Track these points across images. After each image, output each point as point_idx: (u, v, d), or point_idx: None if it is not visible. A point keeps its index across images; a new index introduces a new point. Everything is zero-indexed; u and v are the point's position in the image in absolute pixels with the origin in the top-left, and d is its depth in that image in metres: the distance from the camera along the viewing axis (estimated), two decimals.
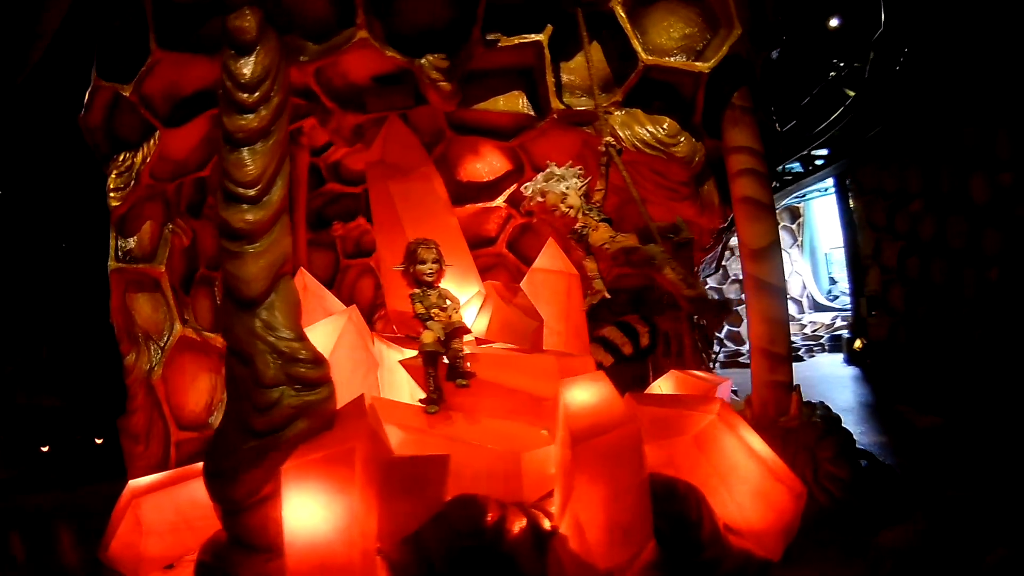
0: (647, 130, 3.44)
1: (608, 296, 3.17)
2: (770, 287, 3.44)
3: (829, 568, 2.41)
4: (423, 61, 2.91)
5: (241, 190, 2.45)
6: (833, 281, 10.81)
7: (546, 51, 3.26)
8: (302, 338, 2.48)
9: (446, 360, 2.96)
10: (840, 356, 7.23)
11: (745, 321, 9.48)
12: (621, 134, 3.42)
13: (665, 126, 3.42)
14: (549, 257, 3.92)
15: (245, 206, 2.44)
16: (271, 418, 2.27)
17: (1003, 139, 3.78)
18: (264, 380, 2.30)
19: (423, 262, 3.13)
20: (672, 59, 3.24)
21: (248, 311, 2.44)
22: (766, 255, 3.45)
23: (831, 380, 3.55)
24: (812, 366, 5.87)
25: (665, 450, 2.73)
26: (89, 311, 4.58)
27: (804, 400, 3.39)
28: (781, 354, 3.42)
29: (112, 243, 3.65)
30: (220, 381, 4.20)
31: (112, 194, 3.53)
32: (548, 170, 3.23)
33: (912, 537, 2.45)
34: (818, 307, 10.09)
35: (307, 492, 2.13)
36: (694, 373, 3.81)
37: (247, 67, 2.44)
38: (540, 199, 3.16)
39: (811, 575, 2.36)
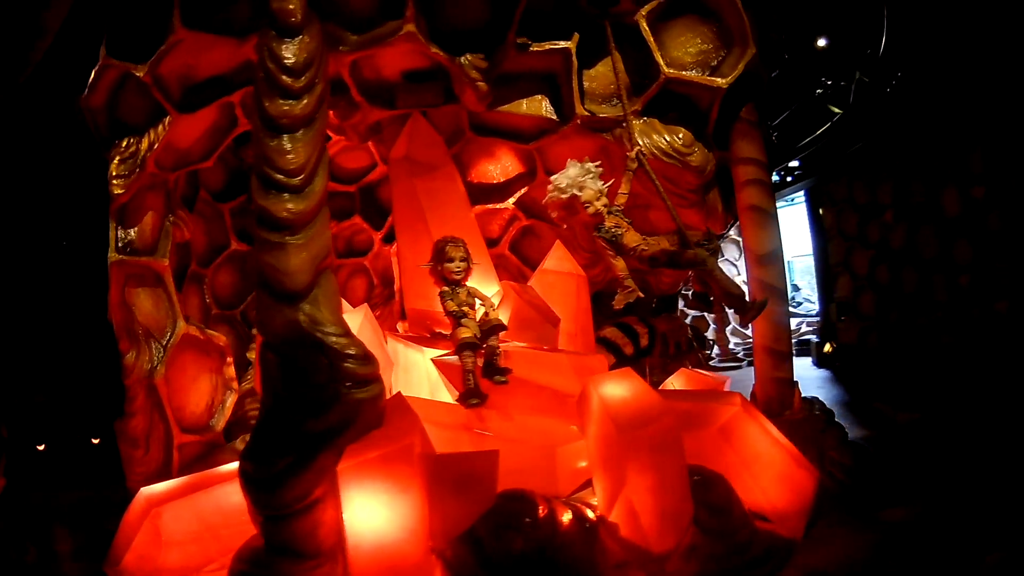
0: (664, 139, 3.57)
1: (642, 296, 3.26)
2: (774, 289, 3.64)
3: (842, 544, 2.58)
4: (463, 60, 2.90)
5: (283, 178, 2.32)
6: (796, 288, 11.44)
7: (574, 58, 3.36)
8: (349, 333, 2.37)
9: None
10: (809, 359, 7.48)
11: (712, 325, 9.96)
12: (640, 141, 3.56)
13: (681, 136, 3.56)
14: (557, 259, 3.99)
15: (287, 195, 2.32)
16: (322, 417, 2.16)
17: (976, 156, 4.19)
18: (313, 378, 2.19)
19: (452, 260, 3.09)
20: (690, 73, 3.41)
21: (290, 305, 2.31)
22: (771, 260, 3.66)
23: (804, 381, 3.77)
24: None
25: (693, 441, 2.81)
26: (79, 307, 4.26)
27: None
28: (784, 352, 3.63)
29: (112, 234, 3.34)
30: (221, 381, 3.98)
31: (115, 181, 3.24)
32: (584, 166, 3.19)
33: (913, 513, 2.69)
34: None
35: (368, 492, 2.06)
36: (701, 372, 3.99)
37: (292, 51, 2.34)
38: (577, 192, 3.17)
39: (828, 551, 2.52)
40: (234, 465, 2.93)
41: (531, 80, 3.53)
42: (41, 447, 4.13)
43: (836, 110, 4.52)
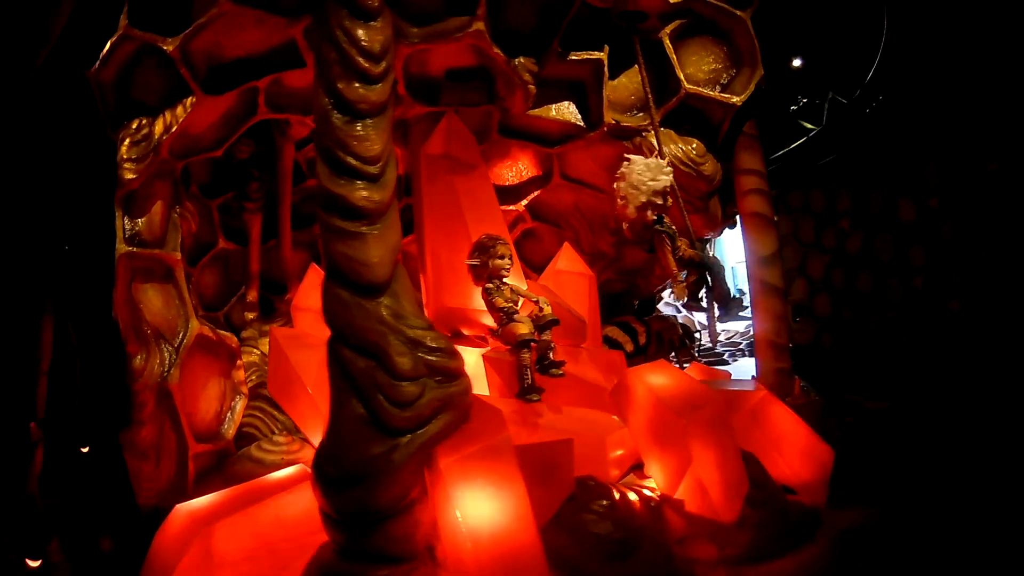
0: (680, 148, 3.78)
1: (688, 292, 3.42)
2: (774, 288, 3.96)
3: (859, 509, 2.86)
4: (517, 62, 2.94)
5: (361, 166, 2.17)
6: (741, 292, 12.28)
7: (605, 68, 3.50)
8: (432, 326, 2.26)
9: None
10: (727, 368, 8.16)
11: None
12: (660, 150, 3.75)
13: (694, 146, 3.78)
14: (568, 259, 4.07)
15: (363, 183, 2.17)
16: (417, 413, 2.02)
17: (931, 170, 4.81)
18: (403, 373, 2.05)
19: (501, 257, 3.09)
20: (707, 89, 3.66)
21: (371, 298, 2.14)
22: (771, 262, 3.96)
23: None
24: (739, 368, 6.66)
25: None
26: (67, 308, 3.76)
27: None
28: (784, 344, 3.95)
29: (119, 223, 2.94)
30: (230, 385, 3.66)
31: (127, 165, 2.86)
32: (659, 161, 3.22)
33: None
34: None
35: (476, 486, 1.98)
36: (708, 366, 4.25)
37: (370, 35, 2.19)
38: (655, 183, 3.14)
39: (849, 515, 2.78)
40: (283, 473, 2.73)
41: (560, 87, 3.56)
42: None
43: (809, 126, 5.01)
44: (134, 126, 2.97)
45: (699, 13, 3.45)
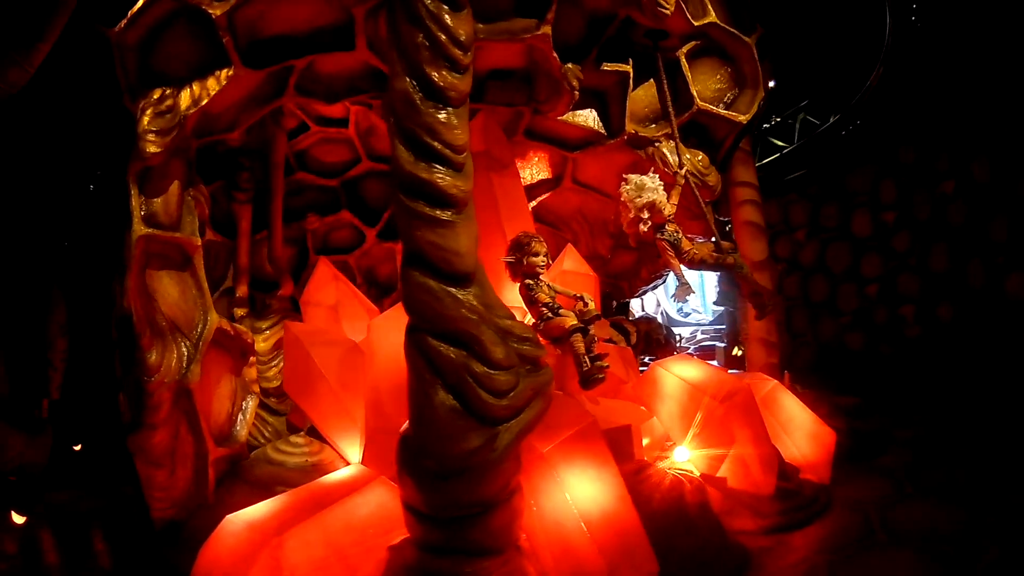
0: (688, 160, 4.04)
1: (694, 292, 3.63)
2: (766, 290, 4.34)
3: (861, 483, 3.19)
4: (567, 68, 3.00)
5: (450, 154, 2.11)
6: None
7: (631, 81, 3.65)
8: (514, 316, 2.33)
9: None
10: (713, 363, 8.67)
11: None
12: (671, 160, 3.97)
13: (700, 158, 4.04)
14: (573, 260, 4.21)
15: (451, 171, 2.11)
16: (513, 402, 1.98)
17: (888, 185, 5.46)
18: (498, 362, 2.01)
19: (537, 254, 3.13)
20: (717, 107, 3.94)
21: (461, 288, 2.10)
22: (764, 266, 4.32)
23: None
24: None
25: None
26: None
27: None
28: (775, 342, 4.30)
29: (134, 203, 2.64)
30: (241, 384, 3.37)
31: (150, 137, 2.57)
32: (654, 178, 3.44)
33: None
34: (672, 322, 12.14)
35: (578, 470, 2.00)
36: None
37: (459, 23, 2.15)
38: (654, 197, 3.34)
39: (852, 488, 3.10)
40: (342, 475, 2.55)
41: (583, 95, 3.72)
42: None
43: (780, 143, 5.50)
44: (156, 96, 2.68)
45: (712, 36, 3.72)
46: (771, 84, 4.71)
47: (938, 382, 4.31)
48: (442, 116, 2.19)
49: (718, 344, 8.85)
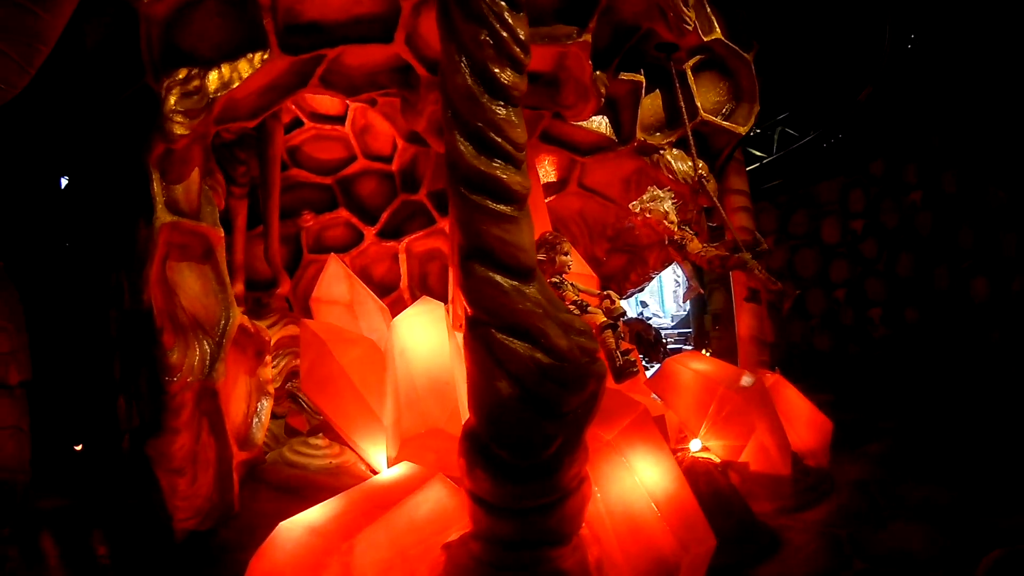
0: (690, 167, 4.26)
1: (702, 292, 3.81)
2: (752, 292, 4.62)
3: (855, 466, 3.47)
4: (597, 74, 3.09)
5: (514, 151, 2.14)
6: (644, 304, 13.53)
7: (643, 90, 3.80)
8: (570, 310, 2.37)
9: None
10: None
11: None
12: (676, 167, 4.16)
13: (701, 165, 4.29)
14: (575, 261, 4.36)
15: (515, 168, 2.13)
16: (579, 393, 2.02)
17: (857, 195, 5.92)
18: (564, 354, 2.02)
19: (567, 253, 3.20)
20: (718, 118, 4.18)
21: (526, 282, 2.15)
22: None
23: None
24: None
25: None
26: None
27: None
28: (765, 340, 4.59)
29: (155, 188, 2.48)
30: (256, 384, 3.20)
31: (177, 118, 2.44)
32: (664, 191, 3.73)
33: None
34: None
35: (641, 454, 2.09)
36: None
37: (520, 24, 2.19)
38: (648, 215, 3.64)
39: (849, 470, 3.36)
40: (394, 474, 2.47)
41: None
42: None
43: (758, 154, 5.86)
44: (181, 75, 2.53)
45: (715, 51, 3.96)
46: None
47: (907, 378, 4.74)
48: (505, 113, 2.22)
49: (684, 347, 9.27)
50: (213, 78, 2.57)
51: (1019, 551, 1.95)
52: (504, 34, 2.23)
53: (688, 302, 8.07)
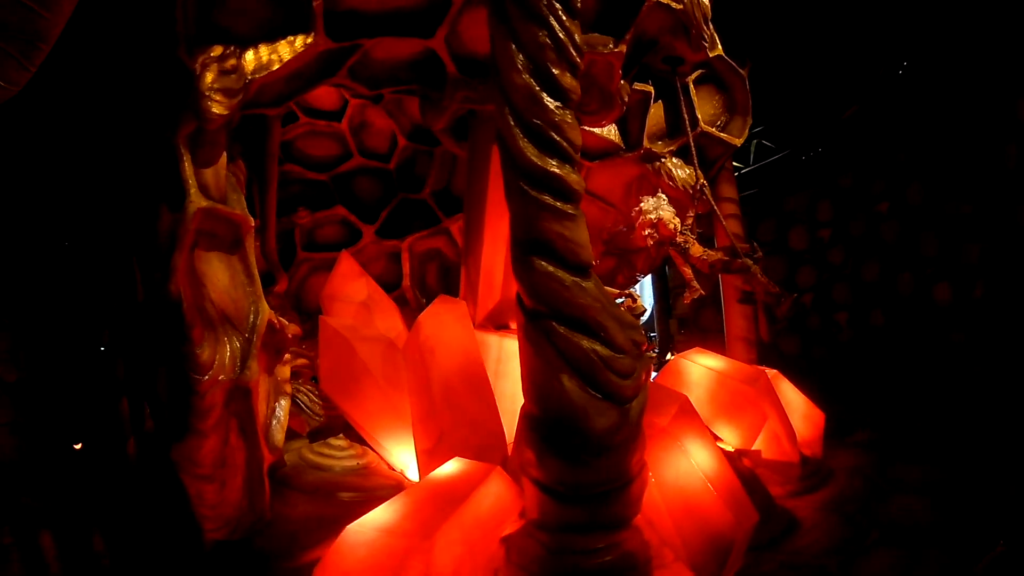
0: (686, 174, 4.52)
1: (704, 294, 4.03)
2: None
3: (847, 454, 3.80)
4: (622, 83, 3.24)
5: (572, 151, 2.27)
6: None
7: (651, 100, 4.01)
8: (619, 306, 2.49)
9: None
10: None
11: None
12: (676, 174, 4.41)
13: (699, 173, 4.59)
14: None
15: (573, 168, 2.27)
16: (635, 382, 2.16)
17: (825, 206, 6.43)
18: (621, 347, 2.17)
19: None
20: (715, 129, 4.47)
21: (585, 277, 2.24)
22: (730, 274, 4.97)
23: None
24: None
25: None
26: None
27: None
28: (753, 340, 4.92)
29: (186, 169, 2.35)
30: (274, 384, 3.09)
31: (215, 96, 2.32)
32: (661, 197, 3.94)
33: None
34: None
35: (692, 440, 2.25)
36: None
37: (576, 29, 2.32)
38: (660, 215, 3.84)
39: (842, 458, 3.68)
40: (450, 469, 2.47)
41: None
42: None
43: (736, 164, 6.25)
44: (217, 53, 2.42)
45: (715, 67, 4.25)
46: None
47: (874, 377, 5.22)
48: (564, 115, 2.34)
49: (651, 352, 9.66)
50: (250, 58, 2.48)
51: (1019, 551, 2.05)
52: (562, 36, 2.35)
53: (651, 308, 8.38)
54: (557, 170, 2.27)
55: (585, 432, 2.08)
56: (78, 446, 2.70)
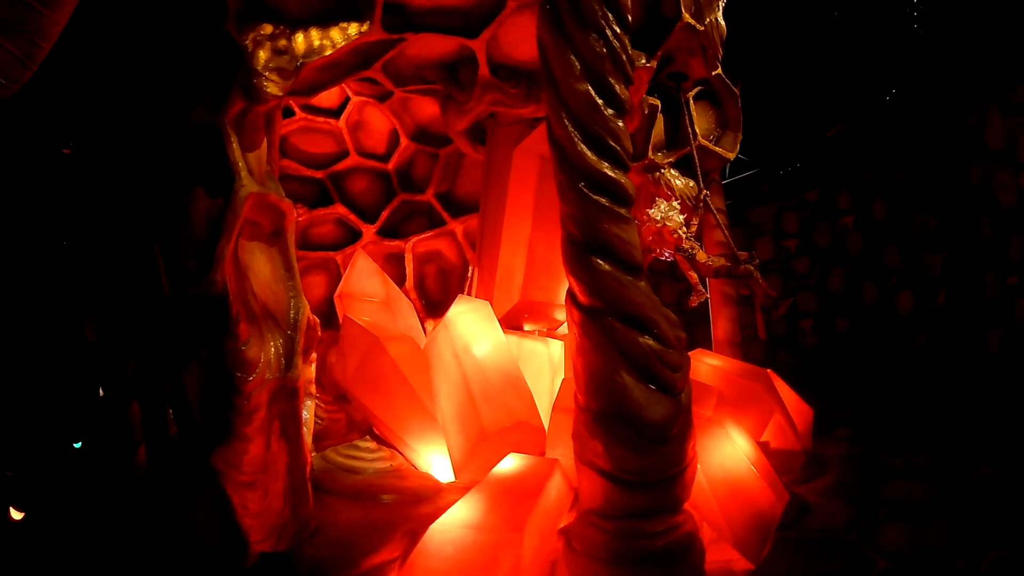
0: (683, 184, 4.83)
1: (708, 296, 4.31)
2: (731, 298, 5.32)
3: (826, 448, 4.19)
4: (644, 97, 3.45)
5: (627, 159, 2.44)
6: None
7: (658, 113, 4.26)
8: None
9: None
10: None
11: None
12: (675, 184, 4.70)
13: (692, 185, 4.88)
14: None
15: (626, 174, 2.43)
16: (684, 374, 2.32)
17: (791, 218, 6.96)
18: (671, 342, 2.33)
19: None
20: (710, 143, 4.80)
21: (639, 277, 2.39)
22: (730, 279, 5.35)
23: None
24: None
25: None
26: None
27: None
28: (738, 342, 5.29)
29: (235, 152, 2.28)
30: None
31: (273, 76, 2.29)
32: (671, 204, 4.19)
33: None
34: None
35: (732, 430, 2.46)
36: None
37: (628, 42, 2.48)
38: (668, 222, 4.08)
39: (832, 448, 4.06)
40: (513, 464, 2.53)
41: None
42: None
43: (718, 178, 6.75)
44: (267, 31, 2.37)
45: (712, 84, 4.59)
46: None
47: (839, 379, 5.74)
48: (619, 124, 2.51)
49: None
50: (300, 41, 2.45)
51: (1020, 551, 2.14)
52: (617, 47, 2.52)
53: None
54: (614, 175, 2.43)
55: (647, 423, 2.23)
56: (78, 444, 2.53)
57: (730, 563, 2.40)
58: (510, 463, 2.44)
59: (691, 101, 4.55)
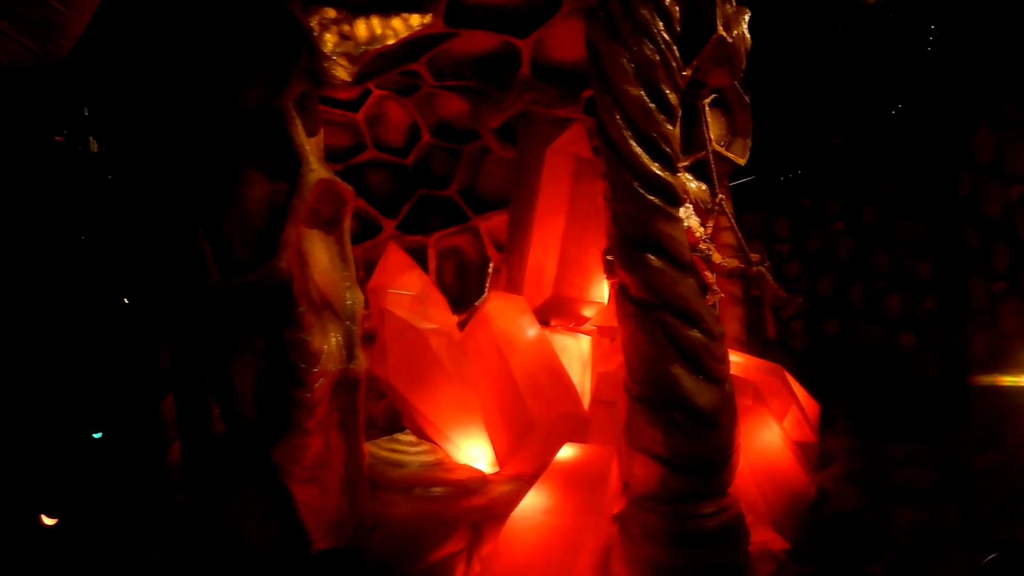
0: (695, 188, 5.05)
1: (723, 296, 4.52)
2: (737, 299, 5.58)
3: (828, 441, 4.47)
4: None
5: (676, 161, 2.60)
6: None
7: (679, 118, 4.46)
8: None
9: None
10: None
11: None
12: (688, 188, 4.91)
13: (704, 189, 5.12)
14: None
15: (671, 175, 2.57)
16: (726, 364, 2.52)
17: (783, 223, 7.31)
18: (716, 335, 2.51)
19: None
20: (723, 149, 5.04)
21: (687, 273, 2.58)
22: (735, 279, 5.61)
23: None
24: None
25: None
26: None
27: None
28: (744, 341, 5.55)
29: (300, 135, 2.30)
30: None
31: (342, 61, 2.32)
32: (686, 207, 4.39)
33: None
34: None
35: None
36: None
37: (677, 52, 2.65)
38: (688, 224, 4.29)
39: (834, 441, 4.35)
40: (571, 453, 2.63)
41: None
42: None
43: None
44: (331, 15, 2.38)
45: (724, 92, 4.84)
46: None
47: (830, 378, 6.09)
48: (670, 129, 2.68)
49: None
50: (361, 28, 2.46)
51: (1019, 552, 2.25)
52: (667, 52, 2.68)
53: None
54: (666, 176, 2.60)
55: (700, 411, 2.39)
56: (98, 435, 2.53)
57: (767, 543, 2.59)
58: (568, 453, 2.57)
59: (706, 108, 4.78)
